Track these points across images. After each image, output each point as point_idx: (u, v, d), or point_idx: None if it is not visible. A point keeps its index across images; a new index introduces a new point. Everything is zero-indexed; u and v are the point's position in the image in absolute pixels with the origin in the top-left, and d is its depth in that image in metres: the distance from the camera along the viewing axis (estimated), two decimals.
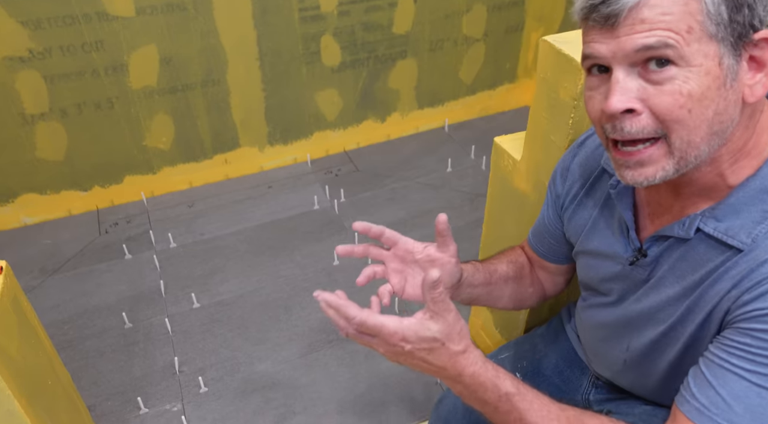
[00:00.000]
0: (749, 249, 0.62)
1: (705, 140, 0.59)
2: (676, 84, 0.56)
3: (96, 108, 1.95)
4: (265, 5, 1.95)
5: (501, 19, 2.34)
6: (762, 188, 0.62)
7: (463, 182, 2.21)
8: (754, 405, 0.59)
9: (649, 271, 0.75)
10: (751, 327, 0.60)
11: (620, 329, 0.83)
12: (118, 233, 2.04)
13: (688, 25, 0.54)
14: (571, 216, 0.88)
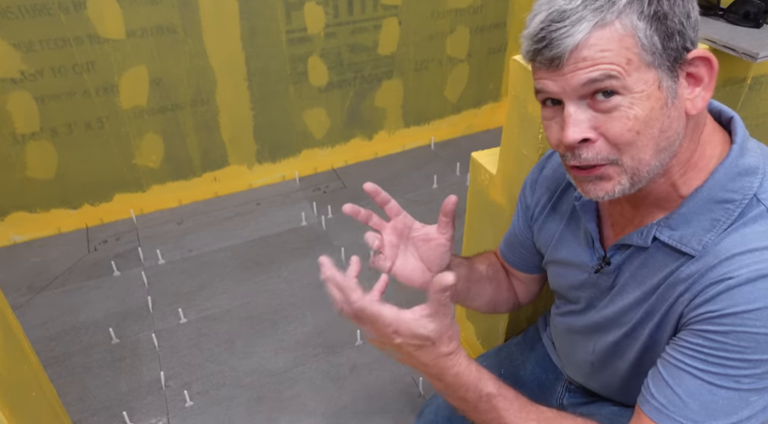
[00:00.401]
0: (700, 255, 0.66)
1: (654, 156, 0.63)
2: (623, 110, 0.61)
3: (86, 127, 1.98)
4: (254, 27, 2.01)
5: (484, 40, 2.41)
6: (709, 198, 0.66)
7: None
8: (708, 402, 0.62)
9: (613, 278, 0.78)
10: (703, 329, 0.63)
11: (588, 334, 0.87)
12: (107, 250, 2.06)
13: (627, 58, 0.59)
14: (541, 227, 0.91)
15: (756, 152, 0.67)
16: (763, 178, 0.65)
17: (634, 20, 0.58)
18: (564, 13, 0.59)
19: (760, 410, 0.62)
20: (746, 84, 1.14)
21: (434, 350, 0.67)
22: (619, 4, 0.58)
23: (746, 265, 0.61)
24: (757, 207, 0.64)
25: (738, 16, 1.06)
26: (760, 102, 1.20)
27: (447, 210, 0.80)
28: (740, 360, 0.61)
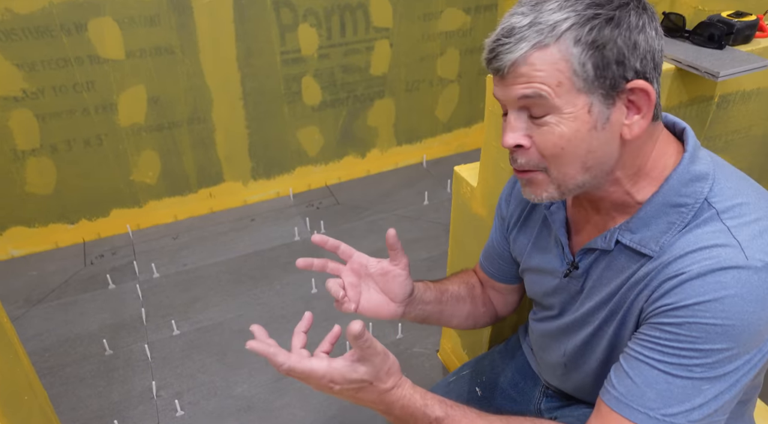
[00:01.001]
0: (657, 255, 0.70)
1: (580, 173, 0.69)
2: (551, 127, 0.66)
3: (85, 144, 2.04)
4: (249, 48, 2.08)
5: (473, 62, 2.49)
6: (664, 203, 0.71)
7: (439, 214, 2.30)
8: (663, 390, 0.66)
9: (581, 282, 0.83)
10: (660, 322, 0.68)
11: (559, 336, 0.91)
12: (103, 264, 2.10)
13: (558, 80, 0.64)
14: (516, 237, 0.96)
15: (706, 160, 0.72)
16: (713, 183, 0.70)
17: (570, 46, 0.63)
18: (512, 31, 0.65)
19: (711, 398, 0.66)
20: (714, 102, 1.19)
21: (374, 388, 0.71)
22: (559, 29, 0.63)
23: (697, 261, 0.65)
24: (708, 210, 0.69)
25: (702, 38, 1.12)
26: (729, 120, 1.25)
27: (390, 243, 0.87)
28: (692, 350, 0.65)
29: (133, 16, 1.88)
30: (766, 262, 0.63)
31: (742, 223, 0.66)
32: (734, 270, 0.63)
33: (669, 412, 0.66)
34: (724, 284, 0.63)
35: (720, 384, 0.66)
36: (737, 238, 0.65)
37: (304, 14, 2.09)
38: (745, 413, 0.90)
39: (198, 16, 1.95)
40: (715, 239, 0.66)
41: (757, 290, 0.63)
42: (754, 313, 0.63)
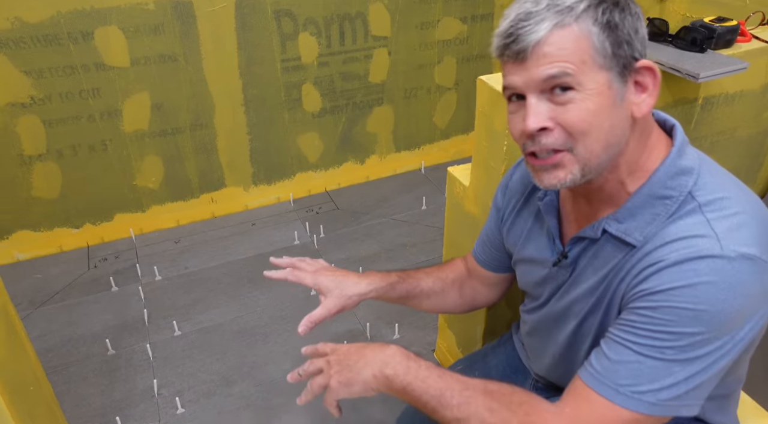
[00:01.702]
0: (641, 245, 0.74)
1: (604, 149, 0.72)
2: (577, 103, 0.69)
3: (90, 150, 2.09)
4: (251, 57, 2.13)
5: (470, 69, 2.54)
6: (651, 194, 0.74)
7: (437, 219, 2.33)
8: (635, 369, 0.70)
9: (570, 272, 0.86)
10: (637, 306, 0.71)
11: (549, 326, 0.94)
12: (107, 267, 2.14)
13: (581, 58, 0.68)
14: (510, 227, 1.00)
15: (692, 156, 0.76)
16: (697, 177, 0.73)
17: (590, 25, 0.67)
18: (530, 14, 0.68)
19: (682, 380, 0.69)
20: (697, 104, 1.24)
21: (374, 343, 0.84)
22: (577, 10, 0.67)
23: (675, 250, 0.69)
24: (691, 203, 0.72)
25: (685, 42, 1.16)
26: (713, 121, 1.29)
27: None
28: (665, 332, 0.68)
29: (138, 25, 1.94)
30: (740, 253, 0.66)
31: (721, 216, 0.69)
32: (709, 259, 0.66)
33: (638, 389, 0.69)
34: (699, 272, 0.66)
35: (691, 367, 0.69)
36: (715, 229, 0.68)
37: (305, 23, 2.15)
38: (728, 408, 0.92)
39: (201, 25, 2.01)
40: (695, 229, 0.69)
41: (730, 278, 0.66)
42: (726, 301, 0.66)
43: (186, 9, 1.97)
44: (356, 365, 0.83)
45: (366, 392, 0.84)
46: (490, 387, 0.78)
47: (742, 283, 0.66)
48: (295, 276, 1.05)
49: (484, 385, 0.78)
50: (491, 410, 0.75)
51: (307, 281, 1.04)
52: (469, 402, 0.76)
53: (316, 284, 1.03)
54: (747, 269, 0.66)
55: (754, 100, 1.33)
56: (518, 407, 0.75)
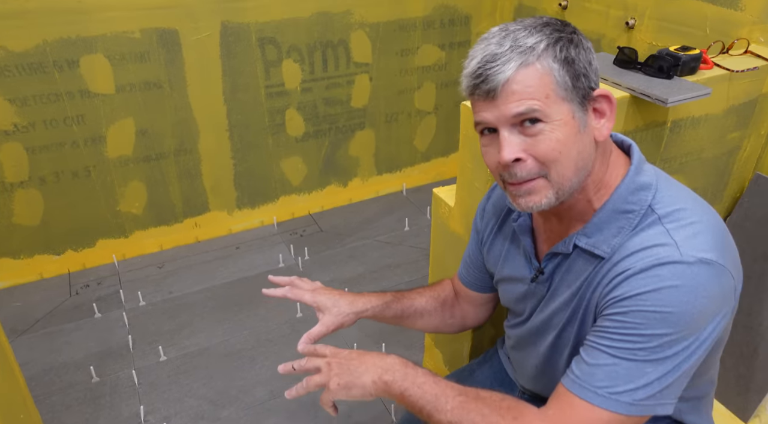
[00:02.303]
0: (609, 256, 0.80)
1: (574, 173, 0.78)
2: (546, 134, 0.75)
3: (73, 176, 2.09)
4: (235, 83, 2.17)
5: (449, 94, 2.62)
6: (614, 209, 0.81)
7: (419, 239, 2.38)
8: (611, 371, 0.75)
9: (547, 286, 0.91)
10: (610, 313, 0.77)
11: (531, 339, 0.98)
12: (89, 294, 2.12)
13: (545, 93, 0.74)
14: (489, 249, 1.05)
15: (650, 172, 0.82)
16: (655, 192, 0.80)
17: (550, 62, 0.73)
18: (496, 56, 0.73)
19: (655, 380, 0.73)
20: (666, 127, 1.31)
21: (377, 353, 0.88)
22: (537, 49, 0.73)
23: (640, 259, 0.75)
24: (651, 215, 0.78)
25: (653, 70, 1.24)
26: (682, 143, 1.37)
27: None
28: (636, 335, 0.73)
29: (124, 52, 1.96)
30: (698, 258, 0.72)
31: (679, 226, 0.76)
32: (670, 265, 0.72)
33: (615, 391, 0.74)
34: (662, 277, 0.72)
35: (662, 367, 0.74)
36: (674, 238, 0.75)
37: (288, 50, 2.20)
38: (702, 409, 0.98)
39: (186, 53, 2.04)
40: (656, 239, 0.76)
41: (691, 281, 0.72)
42: (689, 302, 0.72)
43: (171, 37, 2.00)
44: (357, 370, 0.87)
45: (364, 396, 0.87)
46: (482, 394, 0.82)
47: (702, 285, 0.72)
48: (294, 294, 1.08)
49: (477, 392, 0.82)
50: (483, 415, 0.79)
51: (306, 298, 1.07)
52: (462, 407, 0.80)
53: (315, 302, 1.06)
54: (705, 273, 0.72)
55: (717, 123, 1.41)
56: (507, 412, 0.79)
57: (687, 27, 1.67)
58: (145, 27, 1.96)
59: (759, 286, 1.50)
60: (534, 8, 2.31)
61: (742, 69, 1.32)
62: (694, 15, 1.64)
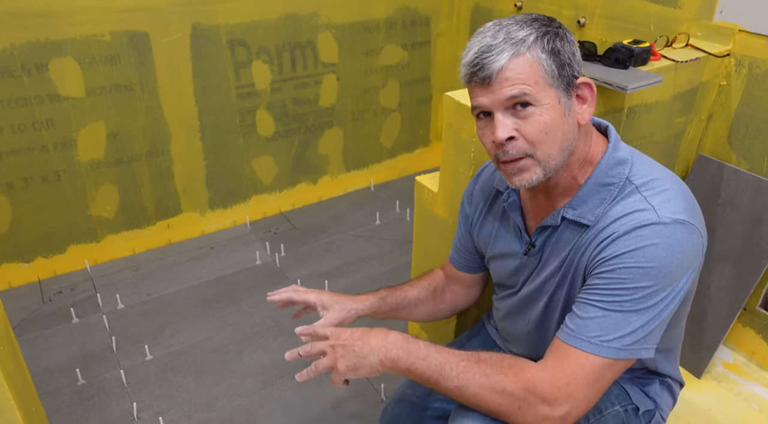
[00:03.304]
0: (593, 224, 0.91)
1: (559, 152, 0.88)
2: (536, 117, 0.85)
3: (43, 181, 2.06)
4: (206, 84, 2.20)
5: (412, 92, 2.73)
6: (597, 183, 0.92)
7: (392, 232, 2.47)
8: (601, 322, 0.85)
9: (539, 258, 1.02)
10: (599, 271, 0.88)
11: (523, 308, 1.08)
12: (63, 300, 2.09)
13: (534, 79, 0.84)
14: (479, 230, 1.14)
15: (625, 149, 0.94)
16: (631, 166, 0.92)
17: (539, 53, 0.84)
18: (491, 47, 0.84)
19: (639, 327, 0.85)
20: (624, 113, 1.45)
21: (378, 330, 0.94)
22: (528, 41, 0.84)
23: (624, 223, 0.86)
24: (629, 186, 0.90)
25: (611, 61, 1.38)
26: (636, 127, 1.52)
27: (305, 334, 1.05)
28: (623, 289, 0.84)
29: (94, 55, 1.96)
30: (674, 219, 0.85)
31: (654, 193, 0.88)
32: (650, 226, 0.84)
33: (606, 339, 0.85)
34: (644, 237, 0.84)
35: (645, 316, 0.85)
36: (651, 203, 0.87)
37: (257, 52, 2.25)
38: (673, 360, 1.12)
39: (157, 55, 2.06)
40: (636, 206, 0.87)
41: (668, 239, 0.84)
42: (667, 258, 0.83)
43: (142, 40, 2.01)
44: (361, 351, 0.93)
45: (371, 374, 0.94)
46: (482, 356, 0.91)
47: (678, 242, 0.84)
48: (298, 295, 1.16)
49: (477, 355, 0.91)
50: (486, 375, 0.87)
51: (311, 297, 1.15)
52: (466, 371, 0.88)
53: (320, 300, 1.14)
54: (680, 231, 0.84)
55: (666, 109, 1.57)
56: (509, 369, 0.87)
57: (633, 24, 1.84)
58: (115, 30, 1.96)
59: (705, 255, 1.67)
60: (490, 9, 2.45)
61: (685, 59, 1.48)
62: (639, 13, 1.81)
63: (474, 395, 0.87)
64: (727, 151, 1.70)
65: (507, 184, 1.03)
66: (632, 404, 1.06)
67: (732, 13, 1.58)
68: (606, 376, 0.86)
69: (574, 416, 0.86)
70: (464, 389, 0.88)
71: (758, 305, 1.72)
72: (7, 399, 0.93)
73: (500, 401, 0.86)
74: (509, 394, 0.86)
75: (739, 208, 1.65)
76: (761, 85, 1.58)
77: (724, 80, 1.65)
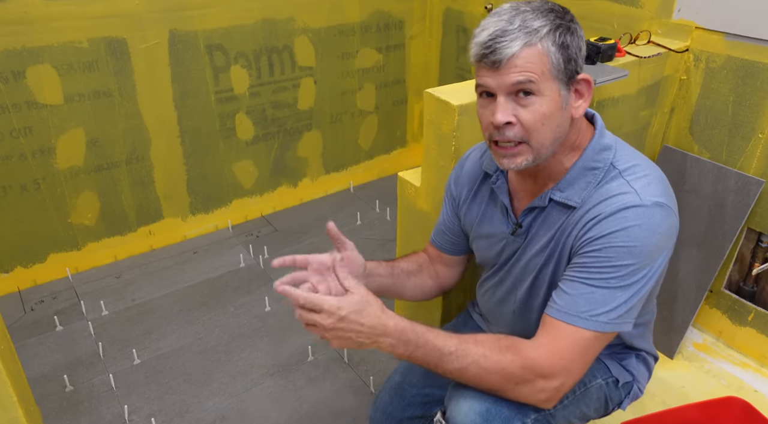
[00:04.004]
0: (579, 206, 0.97)
1: (551, 142, 0.94)
2: (536, 106, 0.90)
3: (22, 190, 2.05)
4: (185, 89, 2.22)
5: (388, 94, 2.78)
6: (583, 167, 0.98)
7: (372, 231, 2.51)
8: (590, 299, 0.91)
9: (524, 237, 1.07)
10: (585, 250, 0.93)
11: (508, 285, 1.13)
12: (45, 308, 2.08)
13: (541, 70, 0.89)
14: (466, 211, 1.19)
15: (610, 136, 1.01)
16: (615, 152, 0.98)
17: (549, 45, 0.89)
18: (506, 32, 0.88)
19: (623, 302, 0.91)
20: (593, 107, 1.53)
21: (370, 308, 0.91)
22: (541, 32, 0.88)
23: (609, 205, 0.92)
24: (613, 171, 0.97)
25: None
26: (605, 120, 1.57)
27: (333, 234, 1.09)
28: (608, 266, 0.90)
29: (72, 62, 1.97)
30: (654, 201, 0.91)
31: (636, 177, 0.95)
32: (633, 208, 0.91)
33: (595, 313, 0.91)
34: (627, 218, 0.90)
35: (628, 292, 0.91)
36: (634, 187, 0.93)
37: (236, 56, 2.28)
38: (647, 336, 1.19)
39: (135, 61, 2.07)
40: (620, 189, 0.94)
41: (649, 221, 0.90)
42: (648, 238, 0.90)
43: (120, 46, 2.03)
44: (356, 340, 0.93)
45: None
46: (479, 338, 0.94)
47: (657, 223, 0.91)
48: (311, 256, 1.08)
49: (474, 338, 0.94)
50: (485, 356, 0.91)
51: (322, 256, 1.09)
52: (465, 354, 0.92)
53: (330, 256, 1.09)
54: (660, 213, 0.91)
55: (632, 102, 1.66)
56: (506, 350, 0.92)
57: (598, 23, 1.93)
58: (92, 37, 1.97)
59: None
60: (460, 11, 2.53)
61: (648, 55, 1.57)
62: (603, 12, 1.90)
63: (474, 375, 0.92)
64: (689, 142, 1.80)
65: (495, 167, 1.08)
66: (612, 377, 1.13)
67: (689, 11, 1.69)
68: (594, 348, 0.92)
69: (567, 387, 0.92)
70: (464, 371, 0.92)
71: (723, 286, 1.82)
72: (9, 395, 0.95)
73: (499, 379, 0.91)
74: (508, 373, 0.90)
75: (703, 195, 1.75)
76: (718, 79, 1.68)
77: (684, 74, 1.75)
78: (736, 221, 1.69)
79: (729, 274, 1.80)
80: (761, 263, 1.72)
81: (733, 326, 1.84)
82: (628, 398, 1.18)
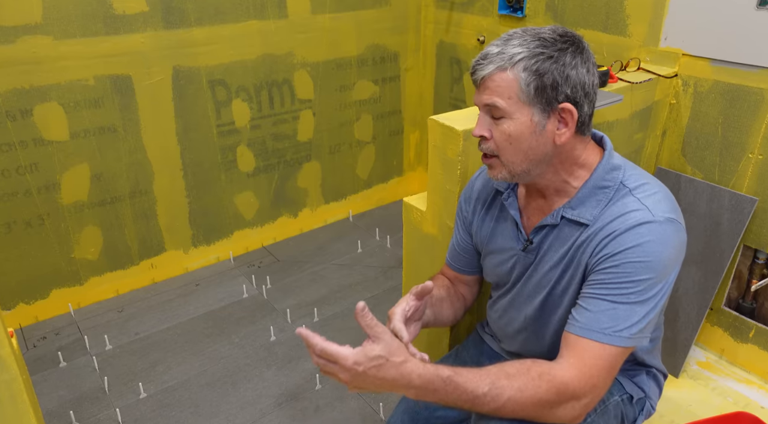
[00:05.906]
0: (592, 223, 1.00)
1: (523, 161, 0.98)
2: (503, 127, 0.97)
3: (26, 226, 2.06)
4: (187, 123, 2.26)
5: (385, 125, 2.85)
6: (594, 186, 1.01)
7: (374, 259, 2.53)
8: (612, 315, 0.93)
9: (535, 254, 1.09)
10: (602, 267, 0.96)
11: (519, 302, 1.15)
12: (48, 345, 2.07)
13: (509, 94, 0.95)
14: (478, 228, 1.22)
15: (618, 157, 1.05)
16: (624, 171, 1.02)
17: (520, 71, 0.94)
18: (487, 56, 0.96)
19: (642, 317, 0.93)
20: None
21: (390, 364, 0.86)
22: (514, 59, 0.94)
23: (623, 222, 0.95)
24: (623, 189, 1.00)
25: None
26: None
27: (417, 292, 1.06)
28: (627, 282, 0.93)
29: (78, 100, 2.01)
30: (666, 217, 0.95)
31: (646, 195, 0.98)
32: (647, 224, 0.94)
33: (618, 329, 0.93)
34: (642, 234, 0.94)
35: (647, 306, 0.94)
36: (645, 204, 0.96)
37: (237, 91, 2.33)
38: (656, 353, 1.21)
39: (140, 97, 2.12)
40: (632, 206, 0.97)
41: (662, 236, 0.93)
42: (662, 252, 0.93)
43: (125, 83, 2.07)
44: (375, 389, 0.90)
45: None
46: (509, 371, 0.91)
47: (670, 238, 0.94)
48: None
49: (504, 370, 0.91)
50: (521, 391, 0.90)
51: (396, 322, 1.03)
52: (500, 393, 0.90)
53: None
54: (672, 228, 0.95)
55: (626, 126, 1.72)
56: (539, 378, 0.91)
57: None
58: (99, 74, 2.02)
59: None
60: (454, 44, 2.62)
61: (640, 81, 1.64)
62: (593, 41, 1.99)
63: (511, 412, 0.91)
64: (682, 163, 1.86)
65: (507, 185, 1.13)
66: (626, 393, 1.14)
67: (675, 39, 1.77)
68: (618, 364, 0.94)
69: (593, 404, 0.94)
70: (501, 410, 0.91)
71: (723, 304, 1.86)
72: (26, 412, 0.95)
73: (536, 409, 0.91)
74: (545, 401, 0.91)
75: (699, 214, 1.80)
76: (706, 102, 1.75)
77: (674, 99, 1.82)
78: (732, 238, 1.73)
79: (728, 291, 1.83)
80: (759, 279, 1.76)
81: (734, 343, 1.86)
82: (642, 415, 1.19)
